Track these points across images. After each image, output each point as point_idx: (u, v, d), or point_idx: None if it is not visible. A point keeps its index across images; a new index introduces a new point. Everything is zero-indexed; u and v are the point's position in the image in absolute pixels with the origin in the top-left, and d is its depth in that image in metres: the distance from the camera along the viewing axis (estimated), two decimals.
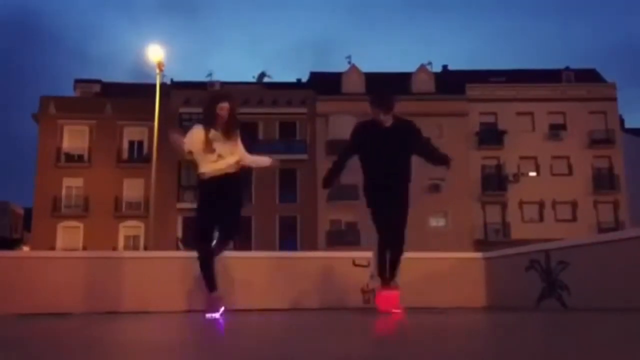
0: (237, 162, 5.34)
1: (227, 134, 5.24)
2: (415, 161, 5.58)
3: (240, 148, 5.40)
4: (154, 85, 21.77)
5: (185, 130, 5.65)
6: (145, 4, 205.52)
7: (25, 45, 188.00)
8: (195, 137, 5.27)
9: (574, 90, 39.92)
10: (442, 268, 7.46)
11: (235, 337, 3.16)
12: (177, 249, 32.24)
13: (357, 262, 7.06)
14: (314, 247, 34.30)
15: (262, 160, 5.83)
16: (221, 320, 4.62)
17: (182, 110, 36.40)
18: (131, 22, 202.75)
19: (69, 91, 41.29)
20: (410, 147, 5.53)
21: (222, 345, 2.64)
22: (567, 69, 41.92)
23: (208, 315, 5.05)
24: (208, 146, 5.21)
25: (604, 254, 5.69)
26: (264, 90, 39.55)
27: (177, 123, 36.16)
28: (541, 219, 37.90)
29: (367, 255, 6.95)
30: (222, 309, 5.13)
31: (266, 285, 6.88)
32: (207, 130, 5.23)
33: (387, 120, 5.43)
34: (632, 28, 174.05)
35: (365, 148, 5.48)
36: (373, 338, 2.96)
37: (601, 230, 34.49)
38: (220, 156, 5.24)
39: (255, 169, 5.69)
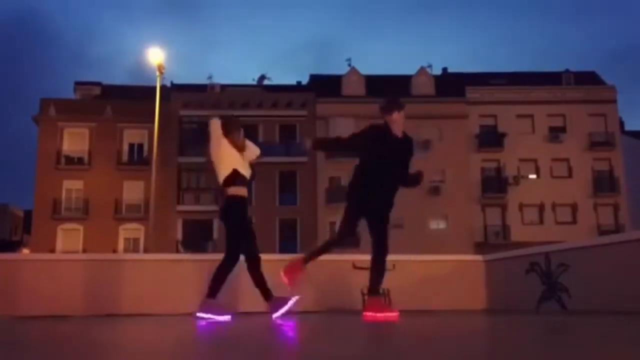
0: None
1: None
2: (417, 164, 5.53)
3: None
4: (154, 88, 21.80)
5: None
6: (145, 6, 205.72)
7: (26, 48, 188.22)
8: (228, 124, 5.17)
9: (574, 92, 39.95)
10: (442, 271, 7.45)
11: (235, 339, 3.16)
12: (177, 251, 32.21)
13: (357, 264, 7.05)
14: None
15: None
16: (207, 323, 4.63)
17: (182, 112, 36.39)
18: (131, 24, 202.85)
19: (69, 93, 41.30)
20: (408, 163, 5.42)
21: (222, 346, 2.64)
22: (566, 71, 41.95)
23: (200, 315, 5.03)
24: (242, 140, 5.16)
25: (604, 257, 5.69)
26: (264, 92, 39.56)
27: (177, 125, 36.25)
28: (541, 221, 37.89)
29: (367, 258, 6.93)
30: (228, 317, 5.10)
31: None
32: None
33: (399, 128, 5.27)
34: (631, 31, 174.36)
35: (374, 154, 5.26)
36: (373, 340, 2.96)
37: (601, 232, 34.49)
38: (244, 160, 5.25)
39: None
